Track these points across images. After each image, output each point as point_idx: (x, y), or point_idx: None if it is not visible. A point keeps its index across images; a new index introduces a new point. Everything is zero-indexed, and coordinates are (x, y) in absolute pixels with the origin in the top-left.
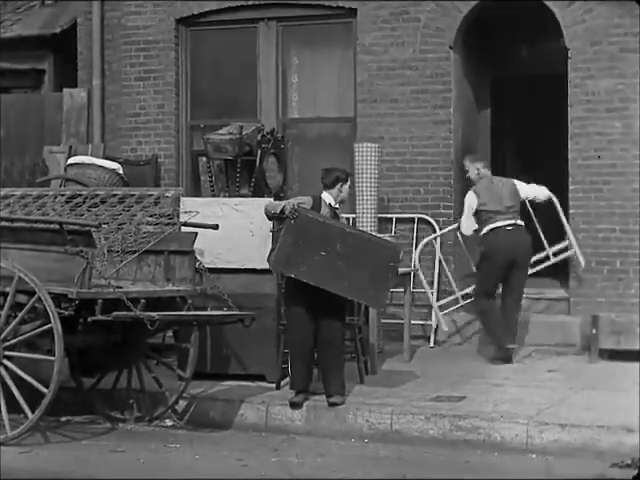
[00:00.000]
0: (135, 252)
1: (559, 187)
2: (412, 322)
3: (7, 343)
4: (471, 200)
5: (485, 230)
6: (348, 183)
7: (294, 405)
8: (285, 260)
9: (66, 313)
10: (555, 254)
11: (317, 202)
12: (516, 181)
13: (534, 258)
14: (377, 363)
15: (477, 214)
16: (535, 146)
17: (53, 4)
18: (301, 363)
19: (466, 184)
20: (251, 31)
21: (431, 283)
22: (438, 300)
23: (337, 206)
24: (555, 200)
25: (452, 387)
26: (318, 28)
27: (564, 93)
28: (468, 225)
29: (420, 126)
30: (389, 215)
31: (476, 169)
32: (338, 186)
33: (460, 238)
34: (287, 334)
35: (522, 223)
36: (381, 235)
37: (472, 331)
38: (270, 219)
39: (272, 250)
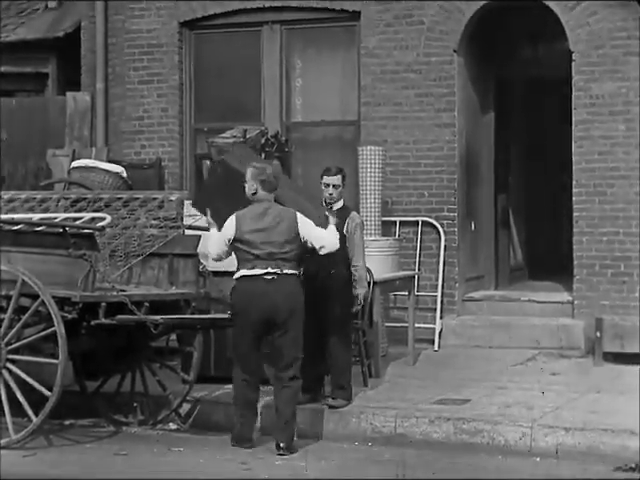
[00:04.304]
0: (139, 255)
1: (563, 190)
2: (416, 325)
3: (11, 346)
4: None
5: None
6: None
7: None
8: None
9: (69, 316)
10: None
11: None
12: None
13: None
14: (381, 366)
15: None
16: (539, 149)
17: (57, 8)
18: (309, 369)
19: (469, 187)
20: (255, 34)
21: (435, 286)
22: (442, 303)
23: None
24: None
25: (456, 390)
26: (322, 31)
27: (568, 96)
28: None
29: (424, 129)
30: (393, 218)
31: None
32: None
33: None
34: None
35: None
36: (386, 238)
37: (477, 334)
38: None
39: None
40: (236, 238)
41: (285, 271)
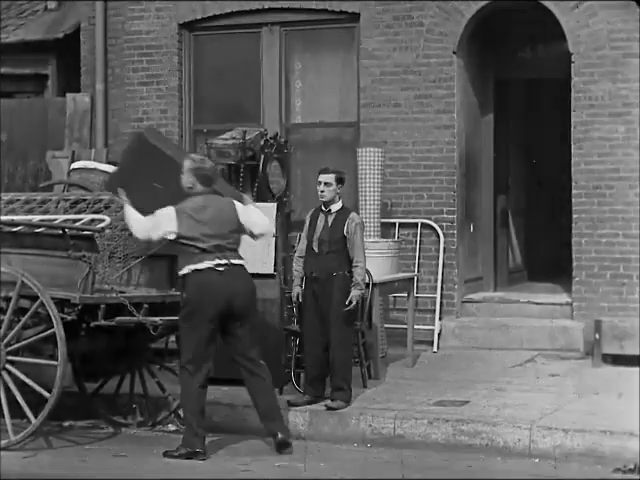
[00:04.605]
0: (138, 257)
1: (562, 191)
2: (415, 327)
3: (10, 348)
4: None
5: None
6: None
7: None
8: None
9: (69, 318)
10: None
11: None
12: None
13: None
14: (380, 368)
15: None
16: (538, 150)
17: (56, 9)
18: (311, 370)
19: (468, 189)
20: (254, 36)
21: (434, 288)
22: (441, 305)
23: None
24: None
25: (455, 392)
26: (321, 33)
27: (567, 97)
28: None
29: (423, 131)
30: (392, 220)
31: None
32: None
33: None
34: (301, 341)
35: None
36: (385, 240)
37: (476, 336)
38: None
39: None
40: (179, 235)
41: (233, 261)
